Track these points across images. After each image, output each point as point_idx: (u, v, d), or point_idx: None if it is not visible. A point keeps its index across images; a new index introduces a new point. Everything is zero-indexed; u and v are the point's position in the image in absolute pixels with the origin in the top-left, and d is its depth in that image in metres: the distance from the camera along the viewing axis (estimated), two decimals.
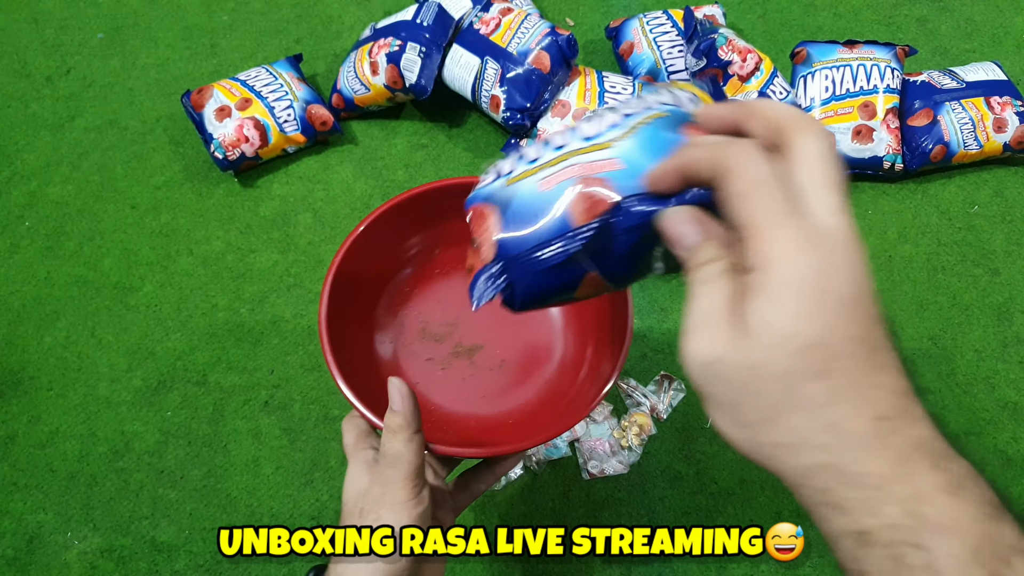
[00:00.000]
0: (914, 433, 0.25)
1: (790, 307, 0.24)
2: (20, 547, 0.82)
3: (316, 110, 1.03)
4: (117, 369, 0.91)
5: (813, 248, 0.25)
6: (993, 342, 0.91)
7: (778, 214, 0.25)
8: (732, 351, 0.25)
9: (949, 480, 0.24)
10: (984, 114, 0.98)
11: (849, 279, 0.25)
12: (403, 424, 0.41)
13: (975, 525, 0.23)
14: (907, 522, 0.23)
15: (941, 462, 0.24)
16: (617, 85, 1.01)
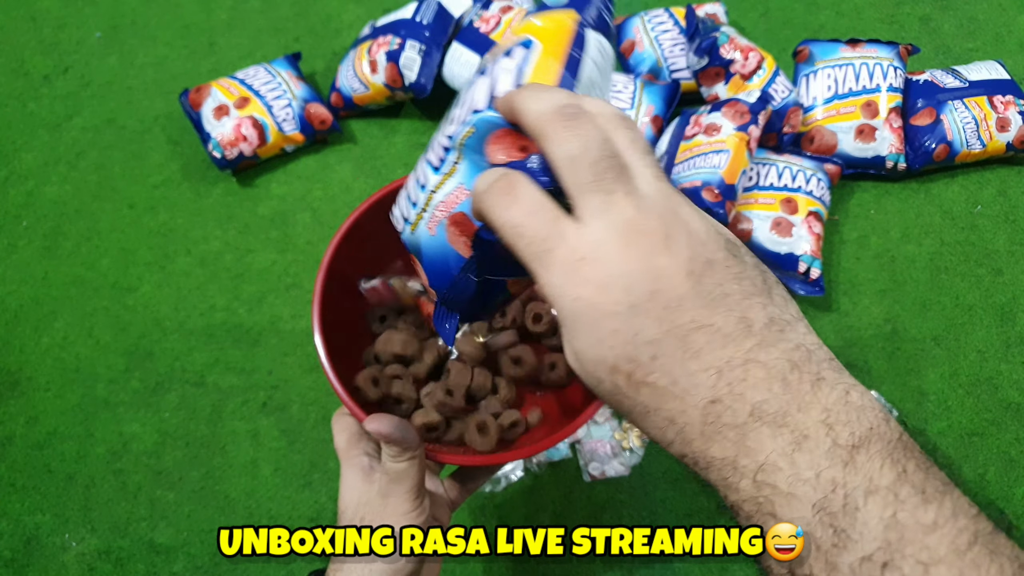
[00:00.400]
0: (747, 405, 0.24)
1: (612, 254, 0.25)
2: (18, 548, 0.82)
3: (315, 109, 1.03)
4: (115, 370, 0.91)
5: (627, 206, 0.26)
6: (996, 342, 0.91)
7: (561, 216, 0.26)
8: None
9: (791, 439, 0.23)
10: (987, 113, 0.97)
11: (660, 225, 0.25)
12: (402, 449, 0.41)
13: (819, 479, 0.23)
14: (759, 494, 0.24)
15: (779, 421, 0.23)
16: (618, 83, 1.00)
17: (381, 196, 0.52)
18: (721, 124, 0.92)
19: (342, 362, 0.51)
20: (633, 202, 0.25)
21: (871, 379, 0.89)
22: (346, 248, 0.52)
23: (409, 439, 0.41)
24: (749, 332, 0.24)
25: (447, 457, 0.46)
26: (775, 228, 0.90)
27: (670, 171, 0.93)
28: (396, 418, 0.41)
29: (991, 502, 0.82)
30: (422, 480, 0.42)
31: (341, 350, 0.51)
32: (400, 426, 0.41)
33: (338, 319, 0.52)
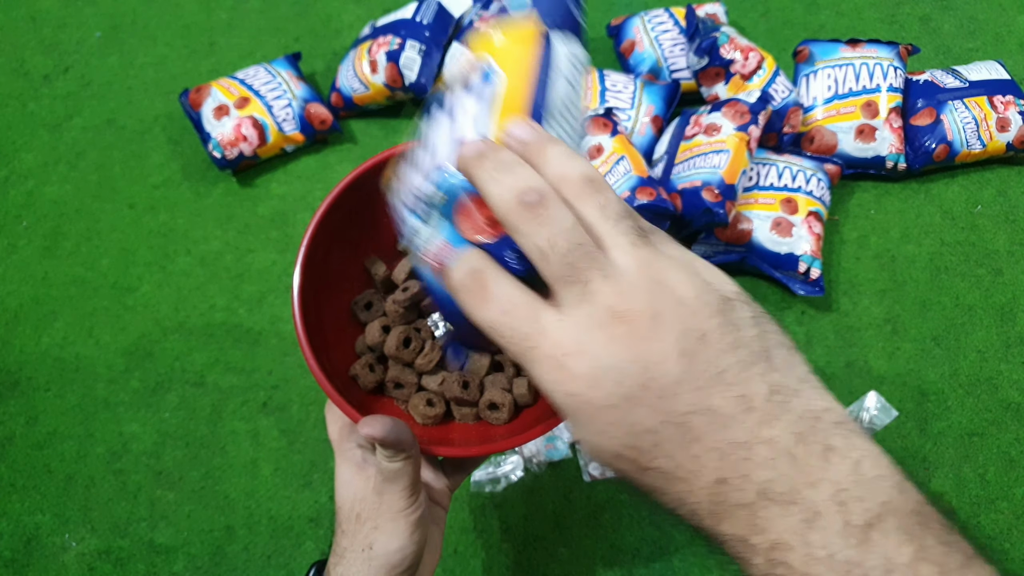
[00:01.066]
0: None
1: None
2: (17, 549, 0.82)
3: (315, 109, 1.03)
4: (115, 370, 0.91)
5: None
6: (996, 343, 0.91)
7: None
8: None
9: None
10: (987, 113, 0.97)
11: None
12: (395, 451, 0.40)
13: (833, 560, 0.23)
14: None
15: (788, 499, 0.23)
16: (618, 83, 1.00)
17: (360, 173, 0.49)
18: (721, 124, 0.92)
19: (334, 354, 0.50)
20: (612, 286, 0.24)
21: (871, 379, 0.89)
22: (326, 234, 0.50)
23: (404, 440, 0.40)
24: (750, 409, 0.23)
25: (443, 450, 0.45)
26: (775, 228, 0.90)
27: (670, 171, 0.93)
28: (390, 419, 0.40)
29: (992, 501, 0.82)
30: (418, 475, 0.42)
31: (331, 343, 0.49)
32: (394, 428, 0.40)
33: (324, 312, 0.50)
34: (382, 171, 0.48)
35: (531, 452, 0.84)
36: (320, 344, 0.48)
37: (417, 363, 0.51)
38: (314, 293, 0.49)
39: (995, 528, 0.81)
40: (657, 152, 0.99)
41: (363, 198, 0.51)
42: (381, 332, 0.52)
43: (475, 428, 0.51)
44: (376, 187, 0.50)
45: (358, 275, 0.55)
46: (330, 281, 0.52)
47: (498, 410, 0.50)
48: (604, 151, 0.91)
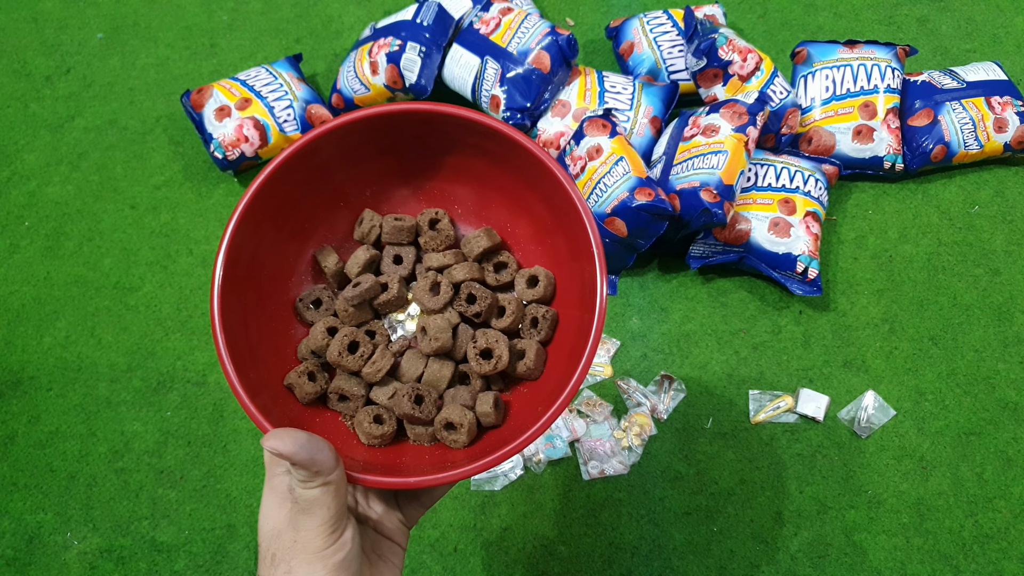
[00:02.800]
0: None
1: None
2: (20, 547, 0.82)
3: (316, 110, 1.03)
4: (117, 369, 0.91)
5: None
6: (993, 342, 0.91)
7: None
8: None
9: None
10: (985, 114, 0.98)
11: None
12: (311, 474, 0.34)
13: None
14: None
15: None
16: (617, 85, 1.01)
17: (311, 139, 0.42)
18: (719, 125, 0.92)
19: (269, 358, 0.43)
20: None
21: (869, 378, 0.89)
22: (264, 214, 0.42)
23: (321, 461, 0.33)
24: None
25: (374, 481, 0.37)
26: (773, 228, 0.91)
27: (668, 172, 0.94)
28: (304, 434, 0.34)
29: (990, 500, 0.82)
30: (341, 509, 0.35)
31: (264, 345, 0.43)
32: (308, 444, 0.33)
33: (260, 308, 0.43)
34: (341, 137, 0.42)
35: (530, 451, 0.85)
36: (246, 345, 0.41)
37: (364, 371, 0.43)
38: (247, 285, 0.42)
39: (993, 527, 0.81)
40: (656, 153, 0.99)
41: (315, 170, 0.44)
42: (326, 334, 0.44)
43: (430, 452, 0.43)
44: (333, 159, 0.43)
45: (307, 267, 0.47)
46: (268, 272, 0.44)
47: (455, 431, 0.42)
48: (603, 152, 0.91)
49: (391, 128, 0.44)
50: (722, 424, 0.87)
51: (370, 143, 0.44)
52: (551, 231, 0.46)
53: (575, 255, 0.43)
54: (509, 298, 0.45)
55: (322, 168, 0.44)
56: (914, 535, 0.81)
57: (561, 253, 0.45)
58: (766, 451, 0.85)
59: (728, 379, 0.90)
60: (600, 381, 0.90)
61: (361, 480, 0.37)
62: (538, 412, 0.39)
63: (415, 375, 0.44)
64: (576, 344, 0.41)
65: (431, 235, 0.47)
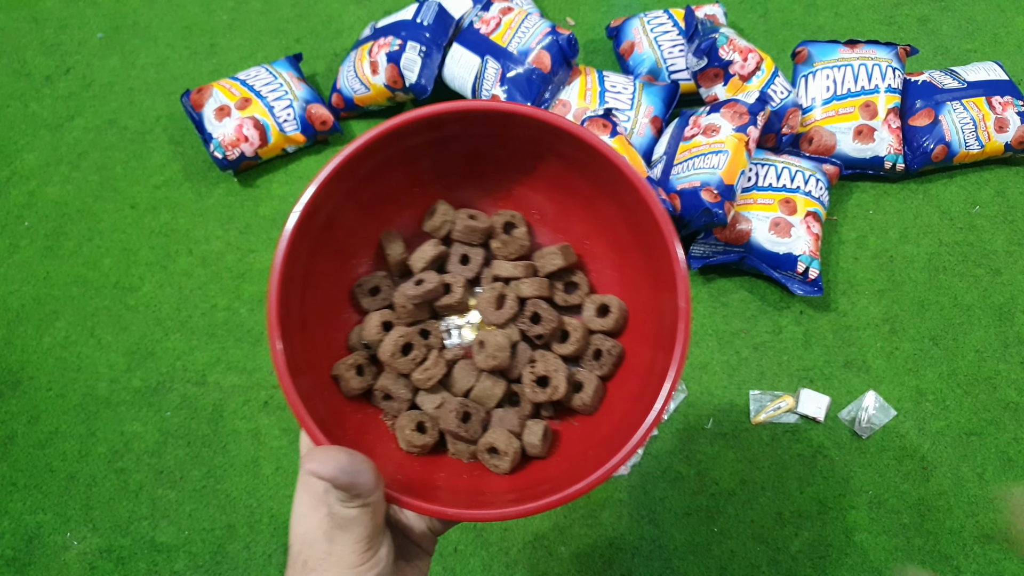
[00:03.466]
0: None
1: None
2: (19, 547, 0.82)
3: (316, 109, 1.03)
4: (116, 369, 0.91)
5: None
6: (994, 342, 0.91)
7: None
8: None
9: None
10: (985, 114, 0.98)
11: None
12: (349, 496, 0.33)
13: None
14: None
15: None
16: (618, 84, 1.01)
17: (400, 125, 0.39)
18: (720, 125, 0.92)
19: (318, 342, 0.40)
20: None
21: (870, 378, 0.89)
22: (341, 189, 0.40)
23: (361, 484, 0.33)
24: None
25: (410, 504, 0.36)
26: (774, 228, 0.91)
27: (669, 172, 0.93)
28: (345, 456, 0.33)
29: (991, 500, 0.82)
30: (378, 527, 0.35)
31: (314, 327, 0.40)
32: (350, 466, 0.33)
33: (315, 287, 0.41)
34: (426, 127, 0.40)
35: None
36: (298, 319, 0.39)
37: (415, 376, 0.42)
38: (313, 252, 0.40)
39: (993, 527, 0.81)
40: (656, 153, 0.99)
41: (403, 152, 0.41)
42: (380, 328, 0.42)
43: (468, 471, 0.41)
44: (421, 145, 0.41)
45: (368, 249, 0.45)
46: (335, 245, 0.42)
47: (499, 456, 0.40)
48: None
49: (474, 122, 0.41)
50: (723, 424, 0.87)
51: (455, 137, 0.42)
52: (630, 252, 0.43)
53: (655, 284, 0.40)
54: (575, 323, 0.43)
55: (410, 151, 0.42)
56: (915, 535, 0.81)
57: (639, 279, 0.42)
58: (767, 451, 0.85)
59: (729, 379, 0.90)
60: None
61: (399, 501, 0.36)
62: (589, 456, 0.37)
63: (465, 388, 0.42)
64: (646, 387, 0.38)
65: (504, 240, 0.44)
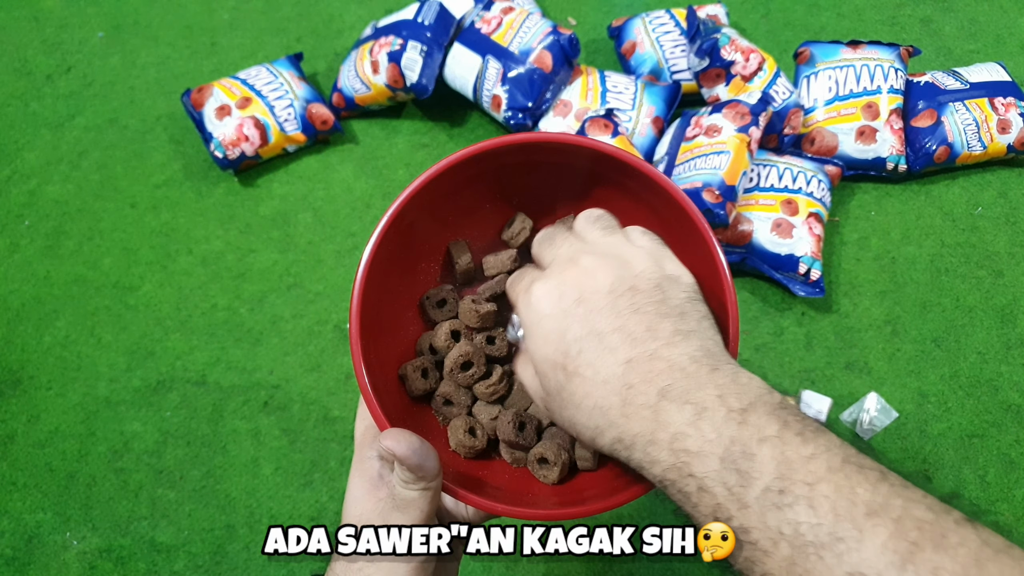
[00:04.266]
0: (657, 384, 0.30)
1: None
2: (19, 547, 0.82)
3: (316, 109, 1.03)
4: (116, 368, 0.91)
5: None
6: (997, 344, 0.91)
7: None
8: None
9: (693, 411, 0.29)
10: (988, 115, 0.98)
11: None
12: (415, 477, 0.36)
13: (720, 438, 0.28)
14: (675, 461, 0.29)
15: (682, 399, 0.30)
16: (619, 84, 1.01)
17: (484, 150, 0.41)
18: (722, 125, 0.92)
19: (389, 344, 0.43)
20: (572, 245, 0.36)
21: (871, 380, 0.89)
22: (422, 202, 0.42)
23: (427, 467, 0.35)
24: (655, 337, 0.31)
25: (465, 496, 0.38)
26: (776, 229, 0.91)
27: (671, 172, 0.93)
28: (417, 439, 0.36)
29: (992, 503, 0.82)
30: (433, 513, 0.37)
31: (387, 331, 0.43)
32: (420, 450, 0.35)
33: (389, 292, 0.43)
34: (516, 151, 0.42)
35: None
36: (374, 327, 0.41)
37: (478, 390, 0.44)
38: (392, 262, 0.42)
39: (995, 530, 0.81)
40: (658, 153, 0.99)
41: (484, 172, 0.44)
42: (449, 337, 0.44)
43: (514, 474, 0.43)
44: (488, 171, 0.44)
45: (437, 258, 0.47)
46: (412, 256, 0.45)
47: (548, 466, 0.42)
48: None
49: (561, 152, 0.43)
50: None
51: (539, 164, 0.44)
52: None
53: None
54: None
55: (490, 172, 0.44)
56: None
57: None
58: None
59: None
60: None
61: (455, 493, 0.38)
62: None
63: (522, 407, 0.44)
64: None
65: None
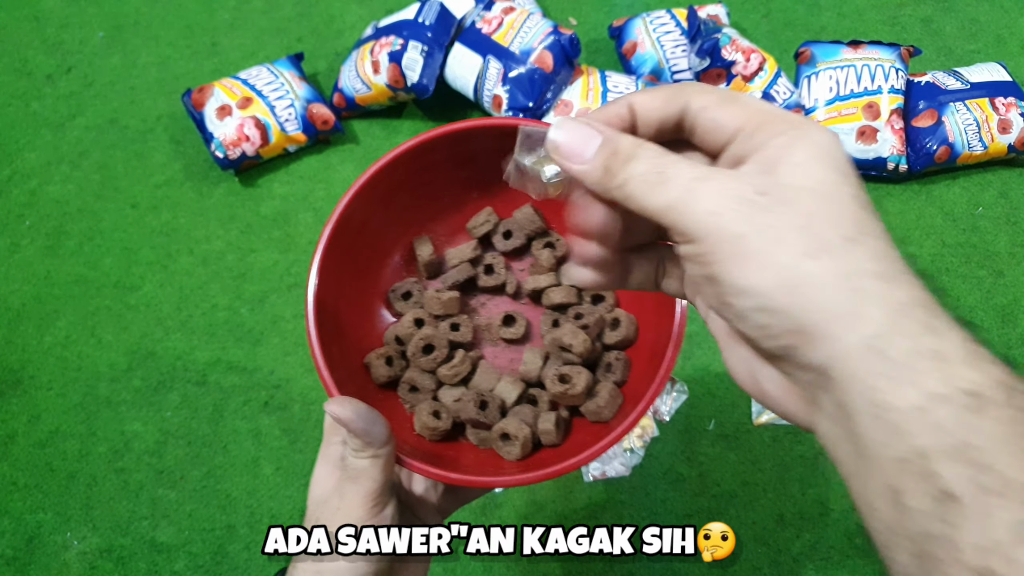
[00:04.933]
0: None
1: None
2: (19, 547, 0.82)
3: (317, 109, 1.03)
4: (117, 369, 0.91)
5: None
6: (997, 344, 0.91)
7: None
8: None
9: None
10: (989, 115, 0.98)
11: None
12: (363, 444, 0.36)
13: None
14: None
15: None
16: (620, 84, 1.01)
17: (436, 137, 0.43)
18: None
19: (356, 336, 0.45)
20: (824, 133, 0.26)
21: None
22: (372, 198, 0.44)
23: (374, 434, 0.35)
24: None
25: (418, 467, 0.39)
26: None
27: None
28: (364, 406, 0.36)
29: None
30: (386, 483, 0.37)
31: (352, 325, 0.44)
32: (365, 415, 0.35)
33: (353, 289, 0.45)
34: (450, 142, 0.44)
35: None
36: (334, 323, 0.42)
37: (440, 372, 0.45)
38: (347, 260, 0.43)
39: None
40: None
41: (430, 164, 0.45)
42: (412, 324, 0.46)
43: (479, 454, 0.44)
44: (444, 157, 0.45)
45: (402, 256, 0.49)
46: (368, 253, 0.46)
47: (510, 442, 0.43)
48: None
49: (498, 138, 0.43)
50: (724, 426, 0.87)
51: (483, 151, 0.45)
52: None
53: (658, 309, 0.43)
54: (622, 313, 0.47)
55: (437, 164, 0.45)
56: None
57: (645, 299, 0.46)
58: (768, 453, 0.85)
59: (731, 380, 0.89)
60: None
61: (407, 463, 0.38)
62: (596, 437, 0.40)
63: (486, 389, 0.45)
64: (638, 389, 0.42)
65: (542, 253, 0.47)
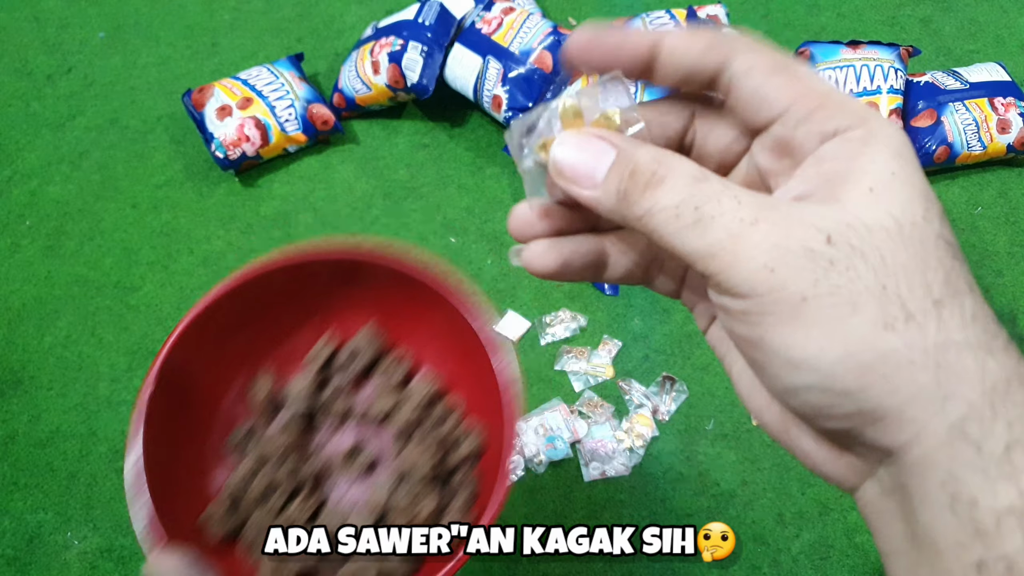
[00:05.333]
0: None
1: None
2: (20, 547, 0.82)
3: (317, 109, 1.03)
4: (117, 368, 0.91)
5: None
6: None
7: None
8: None
9: None
10: (988, 115, 0.98)
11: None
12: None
13: None
14: None
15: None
16: None
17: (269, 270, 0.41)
18: None
19: (192, 495, 0.41)
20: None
21: None
22: (208, 335, 0.40)
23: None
24: None
25: None
26: None
27: None
28: (185, 565, 0.33)
29: None
30: None
31: (190, 480, 0.41)
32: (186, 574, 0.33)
33: (191, 437, 0.42)
34: (293, 272, 0.41)
35: (531, 452, 0.85)
36: (168, 479, 0.40)
37: (286, 516, 0.41)
38: (178, 411, 0.41)
39: None
40: None
41: (261, 298, 0.42)
42: (251, 471, 0.42)
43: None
44: (284, 289, 0.42)
45: (243, 396, 0.45)
46: (202, 397, 0.43)
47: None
48: None
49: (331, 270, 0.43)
50: (724, 425, 0.87)
51: (318, 279, 0.43)
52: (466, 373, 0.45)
53: None
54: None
55: (269, 297, 0.43)
56: None
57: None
58: (768, 452, 0.85)
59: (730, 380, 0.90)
60: (601, 382, 0.90)
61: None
62: None
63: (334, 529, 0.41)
64: None
65: (387, 373, 0.46)
